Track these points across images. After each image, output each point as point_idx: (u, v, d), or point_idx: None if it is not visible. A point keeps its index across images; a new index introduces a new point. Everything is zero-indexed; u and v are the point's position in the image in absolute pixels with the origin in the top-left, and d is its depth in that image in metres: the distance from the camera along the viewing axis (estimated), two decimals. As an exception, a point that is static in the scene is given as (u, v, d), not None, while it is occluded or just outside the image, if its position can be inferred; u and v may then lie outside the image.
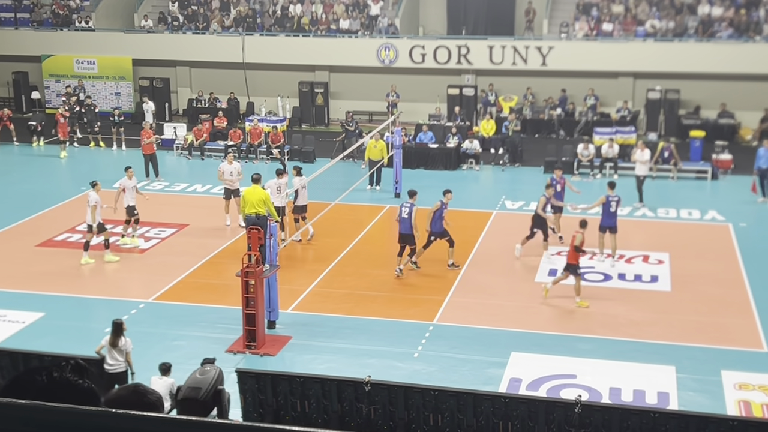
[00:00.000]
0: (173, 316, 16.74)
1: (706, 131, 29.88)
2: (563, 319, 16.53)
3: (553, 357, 14.82)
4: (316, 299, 17.56)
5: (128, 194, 20.74)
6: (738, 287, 18.07)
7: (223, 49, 36.01)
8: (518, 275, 18.84)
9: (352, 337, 15.66)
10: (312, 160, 28.99)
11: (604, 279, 18.63)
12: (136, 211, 20.76)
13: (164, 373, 12.01)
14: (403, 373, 14.07)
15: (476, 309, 16.99)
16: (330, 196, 21.54)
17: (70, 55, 37.28)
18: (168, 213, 23.37)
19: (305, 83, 35.60)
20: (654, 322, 16.40)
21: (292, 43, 35.80)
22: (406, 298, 17.62)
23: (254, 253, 15.07)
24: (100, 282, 18.57)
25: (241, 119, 34.42)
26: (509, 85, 34.50)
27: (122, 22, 39.47)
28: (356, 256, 20.17)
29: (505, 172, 28.38)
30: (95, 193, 19.68)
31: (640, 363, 14.59)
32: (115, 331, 12.63)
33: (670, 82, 32.91)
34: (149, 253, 20.43)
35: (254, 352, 15.01)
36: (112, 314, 16.37)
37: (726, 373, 14.17)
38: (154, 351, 14.72)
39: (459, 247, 20.60)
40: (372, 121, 34.55)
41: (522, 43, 33.81)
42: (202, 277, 18.90)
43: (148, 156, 26.63)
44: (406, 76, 34.76)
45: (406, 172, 26.07)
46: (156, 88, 36.35)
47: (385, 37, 35.02)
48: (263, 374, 11.96)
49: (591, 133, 30.12)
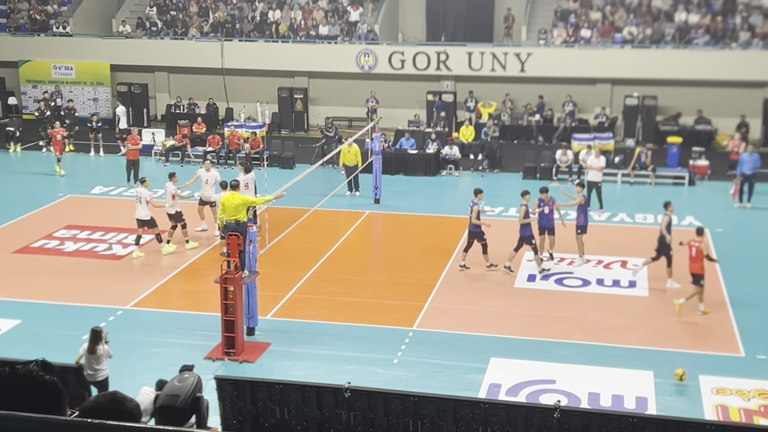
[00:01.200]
0: (151, 323, 16.65)
1: (683, 137, 30.11)
2: (542, 325, 16.57)
3: (532, 362, 14.86)
4: (295, 305, 17.52)
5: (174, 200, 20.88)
6: (715, 293, 18.18)
7: (201, 55, 35.91)
8: (498, 281, 18.88)
9: (332, 344, 15.63)
10: (291, 165, 28.98)
11: (583, 284, 18.71)
12: (183, 217, 20.86)
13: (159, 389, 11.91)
14: (383, 380, 14.06)
15: (456, 315, 17.01)
16: (309, 202, 21.52)
17: (47, 61, 37.05)
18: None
19: (284, 89, 35.57)
20: (632, 327, 16.48)
21: (271, 49, 35.76)
22: (385, 304, 17.62)
23: (233, 260, 15.02)
24: (78, 289, 18.44)
25: (220, 125, 34.33)
26: (488, 91, 34.64)
27: (100, 28, 39.27)
28: (336, 262, 20.15)
29: (484, 178, 28.45)
30: (145, 189, 20.25)
31: (619, 368, 14.65)
32: (93, 339, 12.53)
33: (647, 89, 33.15)
34: (127, 259, 20.31)
35: (233, 358, 14.95)
36: (90, 321, 16.25)
37: (703, 377, 14.26)
38: (132, 358, 14.64)
39: (437, 253, 20.64)
40: (351, 127, 34.56)
41: (501, 49, 33.95)
42: (181, 284, 18.81)
43: (131, 162, 26.61)
44: (385, 82, 34.80)
45: (386, 178, 26.10)
46: (134, 93, 36.20)
47: (365, 44, 35.05)
48: (242, 381, 11.90)
49: (569, 140, 30.26)
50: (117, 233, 22.02)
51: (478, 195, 19.65)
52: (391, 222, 23.83)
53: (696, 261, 16.98)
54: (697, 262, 16.96)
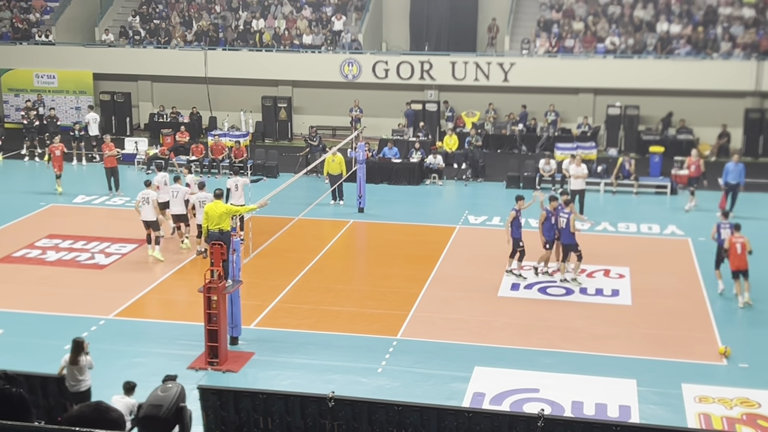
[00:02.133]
0: (134, 332, 16.57)
1: (665, 147, 30.30)
2: (526, 334, 16.60)
3: (516, 371, 14.88)
4: (279, 315, 17.48)
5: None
6: (697, 301, 18.29)
7: (185, 64, 35.85)
8: (481, 290, 18.91)
9: (316, 353, 15.61)
10: (275, 174, 28.95)
11: (566, 293, 18.76)
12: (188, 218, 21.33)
13: (128, 393, 11.85)
14: (367, 389, 14.05)
15: (440, 323, 17.02)
16: (293, 211, 21.50)
17: (29, 69, 36.88)
18: (128, 228, 23.16)
19: (268, 98, 35.55)
20: (615, 336, 16.54)
21: (255, 58, 35.74)
22: (369, 313, 17.61)
23: (217, 269, 14.98)
24: (60, 298, 18.33)
25: (204, 134, 34.26)
26: (472, 100, 34.75)
27: (83, 36, 39.15)
28: (320, 271, 20.13)
29: (467, 187, 28.53)
30: (153, 192, 20.78)
31: (602, 377, 14.70)
32: (75, 349, 12.46)
33: (629, 98, 33.36)
34: (109, 268, 20.22)
35: (216, 368, 14.89)
36: (72, 331, 16.17)
37: (686, 386, 14.32)
38: (114, 368, 14.55)
39: (421, 262, 20.67)
40: (336, 136, 34.60)
41: (484, 59, 34.08)
42: (164, 293, 18.74)
43: (110, 169, 26.56)
44: (369, 91, 34.85)
45: (370, 187, 26.11)
46: (117, 102, 36.10)
47: (349, 53, 35.10)
48: (225, 391, 11.85)
49: (552, 149, 30.39)
50: (99, 242, 21.92)
51: (519, 201, 19.62)
52: (375, 231, 23.84)
53: (742, 257, 17.94)
54: (743, 258, 17.94)
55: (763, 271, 20.32)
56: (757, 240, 22.52)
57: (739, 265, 18.06)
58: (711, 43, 33.63)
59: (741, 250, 17.99)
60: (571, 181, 24.38)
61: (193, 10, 38.58)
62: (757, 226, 23.50)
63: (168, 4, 39.35)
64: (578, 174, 24.05)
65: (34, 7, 39.42)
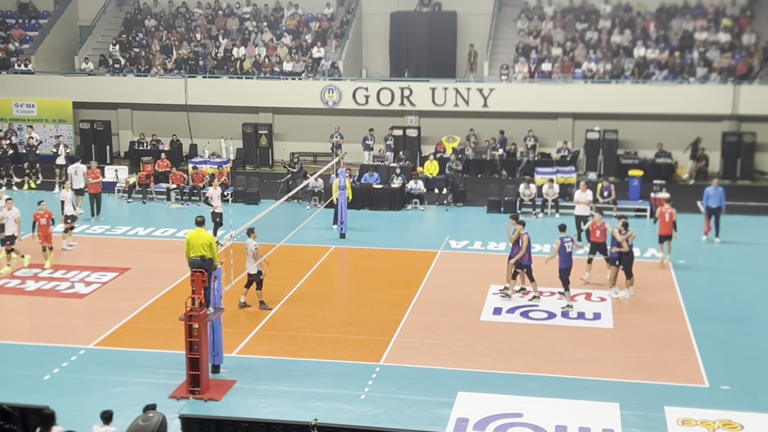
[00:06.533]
0: (115, 362, 16.41)
1: (644, 170, 30.53)
2: (508, 358, 16.59)
3: (499, 396, 14.85)
4: (261, 342, 17.39)
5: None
6: (679, 324, 18.36)
7: (165, 92, 35.86)
8: (464, 314, 18.90)
9: (298, 380, 15.53)
10: (256, 201, 28.93)
11: (548, 317, 18.79)
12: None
13: (106, 422, 11.72)
14: (350, 416, 13.98)
15: (422, 349, 16.99)
16: (275, 237, 21.45)
17: (8, 99, 36.77)
18: (109, 257, 23.03)
19: (249, 125, 35.59)
20: (598, 359, 16.56)
21: (235, 85, 35.81)
22: (352, 339, 17.55)
23: (198, 297, 14.91)
24: (40, 328, 18.16)
25: (185, 161, 34.21)
26: (452, 126, 34.94)
27: (62, 65, 39.13)
28: (301, 297, 20.07)
29: (449, 211, 28.60)
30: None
31: (585, 400, 14.69)
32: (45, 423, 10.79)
33: (608, 123, 33.64)
34: (90, 297, 20.07)
35: (198, 397, 14.78)
36: (52, 361, 16.04)
37: (669, 408, 14.34)
38: (95, 398, 14.41)
39: (403, 287, 20.65)
40: (317, 162, 34.65)
41: (463, 85, 34.32)
42: (145, 322, 18.61)
43: (93, 195, 26.97)
44: (350, 118, 34.98)
45: (351, 213, 26.12)
46: (97, 131, 36.03)
47: (329, 80, 35.25)
48: (208, 420, 11.77)
49: (532, 173, 30.56)
50: (79, 271, 21.77)
51: (563, 231, 19.54)
52: (357, 256, 23.82)
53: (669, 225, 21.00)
54: (669, 226, 21.09)
55: (744, 291, 20.48)
56: (740, 262, 22.76)
57: (666, 231, 21.98)
58: (687, 68, 34.03)
59: (669, 218, 21.82)
60: (577, 207, 24.50)
61: (174, 38, 38.65)
62: (740, 250, 23.69)
63: (148, 33, 39.42)
64: (583, 200, 24.23)
65: (13, 36, 39.37)
